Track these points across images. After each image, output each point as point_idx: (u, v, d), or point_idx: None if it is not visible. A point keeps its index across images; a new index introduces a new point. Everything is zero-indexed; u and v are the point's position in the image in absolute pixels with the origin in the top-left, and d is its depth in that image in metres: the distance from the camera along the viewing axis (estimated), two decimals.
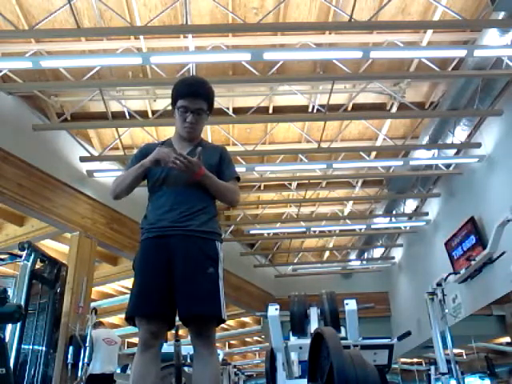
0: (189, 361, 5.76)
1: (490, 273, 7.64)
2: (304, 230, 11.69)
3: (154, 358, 2.12)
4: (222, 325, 2.32)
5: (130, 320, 2.17)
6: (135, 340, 11.58)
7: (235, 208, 11.67)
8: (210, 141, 8.72)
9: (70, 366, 5.72)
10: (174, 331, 5.17)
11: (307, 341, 3.22)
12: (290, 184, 10.57)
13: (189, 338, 2.23)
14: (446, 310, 6.44)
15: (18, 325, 4.04)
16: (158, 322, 2.14)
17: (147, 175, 2.31)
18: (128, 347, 13.13)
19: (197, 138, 2.43)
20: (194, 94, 2.30)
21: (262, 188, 10.77)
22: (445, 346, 6.12)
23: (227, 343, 17.09)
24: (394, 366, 11.15)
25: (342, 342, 2.51)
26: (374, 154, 9.34)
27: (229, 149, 9.18)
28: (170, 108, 7.99)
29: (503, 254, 6.72)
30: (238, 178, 2.50)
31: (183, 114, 2.31)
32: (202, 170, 2.19)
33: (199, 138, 2.46)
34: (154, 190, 2.31)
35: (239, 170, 8.54)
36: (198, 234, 2.19)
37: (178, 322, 2.20)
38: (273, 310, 4.20)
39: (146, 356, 2.11)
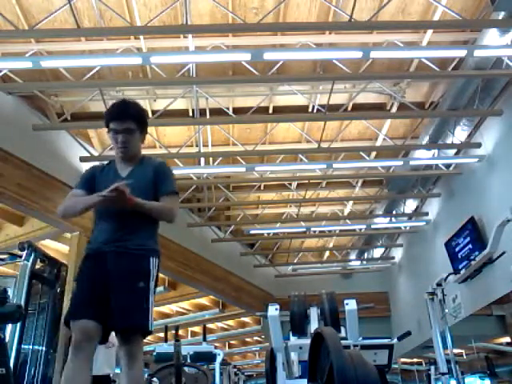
0: (189, 361, 5.76)
1: (489, 273, 7.64)
2: (304, 229, 11.68)
3: (86, 361, 2.20)
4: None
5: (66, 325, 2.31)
6: None
7: (235, 208, 11.68)
8: (210, 141, 8.78)
9: None
10: (173, 331, 5.18)
11: (307, 341, 3.23)
12: (290, 184, 10.57)
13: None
14: (446, 310, 6.46)
15: (18, 325, 4.03)
16: (91, 326, 2.23)
17: None
18: None
19: (134, 156, 2.55)
20: (121, 116, 2.47)
21: (262, 188, 10.77)
22: (445, 346, 6.13)
23: (227, 343, 17.08)
24: (394, 366, 11.14)
25: (342, 342, 2.51)
26: (373, 154, 9.34)
27: (229, 149, 9.07)
28: (170, 108, 7.93)
29: (503, 254, 6.73)
30: (174, 193, 2.53)
31: (114, 136, 2.48)
32: (131, 202, 2.28)
33: (138, 155, 2.59)
34: (97, 211, 2.46)
35: (239, 169, 8.65)
36: (131, 251, 2.35)
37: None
38: (273, 310, 4.20)
39: (78, 359, 2.17)
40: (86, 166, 8.12)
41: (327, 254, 14.36)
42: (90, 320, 2.21)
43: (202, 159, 8.81)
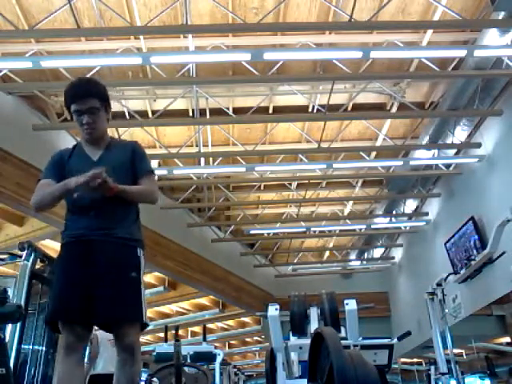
0: (189, 361, 5.76)
1: (489, 273, 7.64)
2: (304, 229, 11.69)
3: (78, 361, 2.14)
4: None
5: (50, 324, 2.20)
6: None
7: (235, 208, 11.68)
8: (210, 141, 8.78)
9: None
10: (173, 331, 5.18)
11: (307, 341, 3.22)
12: (290, 184, 10.57)
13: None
14: (446, 310, 6.46)
15: (18, 325, 4.03)
16: (83, 327, 2.15)
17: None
18: None
19: (102, 137, 2.40)
20: (83, 96, 2.29)
21: (262, 188, 10.77)
22: (445, 346, 6.12)
23: (227, 343, 17.08)
24: (394, 366, 11.14)
25: (342, 342, 2.51)
26: (374, 154, 9.34)
27: (229, 149, 9.07)
28: (170, 108, 7.91)
29: (503, 254, 6.73)
30: (152, 172, 2.46)
31: (79, 118, 2.30)
32: (114, 190, 2.18)
33: (105, 136, 2.43)
34: (73, 198, 2.27)
35: (239, 169, 8.66)
36: (120, 241, 2.23)
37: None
38: (273, 310, 4.20)
39: (71, 360, 2.11)
40: None
41: (327, 253, 14.36)
42: (81, 322, 2.12)
43: (202, 159, 8.81)
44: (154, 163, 8.76)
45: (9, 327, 3.98)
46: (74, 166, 2.33)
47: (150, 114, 7.97)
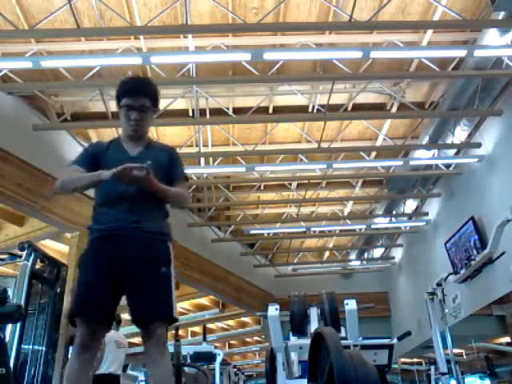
0: (189, 361, 5.77)
1: (489, 273, 7.64)
2: (304, 229, 11.69)
3: (89, 360, 2.14)
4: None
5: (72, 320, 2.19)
6: (135, 340, 11.59)
7: (235, 208, 11.68)
8: (210, 141, 8.77)
9: None
10: (173, 331, 5.18)
11: (307, 341, 3.22)
12: (290, 184, 10.57)
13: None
14: (446, 310, 6.46)
15: (18, 325, 4.04)
16: (102, 326, 2.17)
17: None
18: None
19: (143, 136, 2.44)
20: (136, 92, 2.34)
21: (262, 188, 10.77)
22: (445, 346, 6.13)
23: (227, 343, 17.08)
24: (394, 366, 11.14)
25: (342, 342, 2.51)
26: (373, 154, 9.34)
27: (229, 149, 9.08)
28: (170, 108, 7.91)
29: (503, 254, 6.73)
30: (186, 178, 2.49)
31: (127, 113, 2.33)
32: (155, 187, 2.19)
33: (146, 136, 2.47)
34: (104, 189, 2.27)
35: (239, 169, 8.66)
36: (151, 235, 2.23)
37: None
38: (273, 310, 4.20)
39: (83, 358, 2.11)
40: None
41: (327, 253, 14.36)
42: (101, 320, 2.14)
43: (202, 159, 8.81)
44: None
45: (9, 327, 3.99)
46: (111, 157, 2.33)
47: None
